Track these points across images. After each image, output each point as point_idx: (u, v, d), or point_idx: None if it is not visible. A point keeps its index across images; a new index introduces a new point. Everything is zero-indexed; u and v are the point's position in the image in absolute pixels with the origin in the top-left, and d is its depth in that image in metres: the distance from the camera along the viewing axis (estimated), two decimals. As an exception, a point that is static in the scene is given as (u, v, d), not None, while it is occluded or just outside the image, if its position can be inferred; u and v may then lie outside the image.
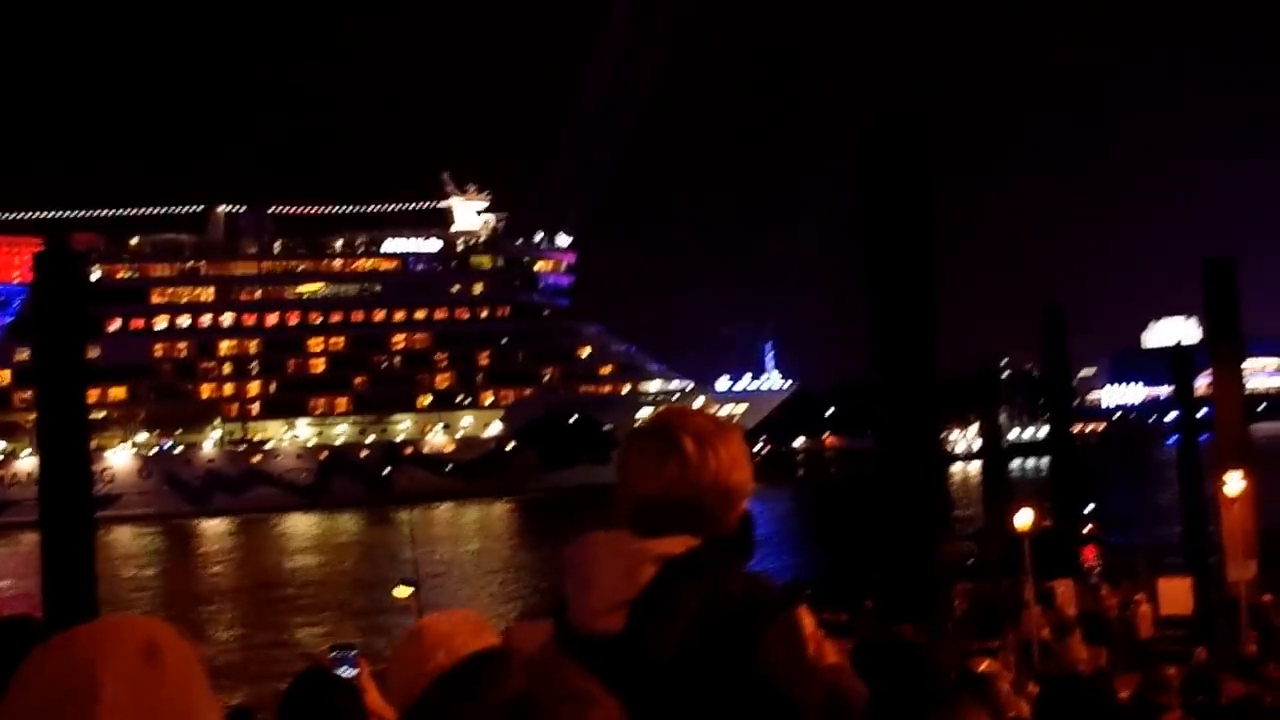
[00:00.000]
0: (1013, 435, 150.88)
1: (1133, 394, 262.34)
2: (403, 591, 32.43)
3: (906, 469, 27.59)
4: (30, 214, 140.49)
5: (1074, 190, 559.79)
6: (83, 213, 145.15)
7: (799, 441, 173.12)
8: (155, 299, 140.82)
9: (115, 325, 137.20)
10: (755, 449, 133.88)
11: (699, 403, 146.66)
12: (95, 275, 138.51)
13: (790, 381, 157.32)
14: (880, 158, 27.65)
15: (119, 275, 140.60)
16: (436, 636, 3.75)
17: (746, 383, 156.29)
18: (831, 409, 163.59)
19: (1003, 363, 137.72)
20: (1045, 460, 76.56)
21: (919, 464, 28.75)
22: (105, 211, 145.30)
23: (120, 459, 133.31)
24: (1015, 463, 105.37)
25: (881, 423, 29.44)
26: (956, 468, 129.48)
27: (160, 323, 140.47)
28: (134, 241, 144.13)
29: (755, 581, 2.92)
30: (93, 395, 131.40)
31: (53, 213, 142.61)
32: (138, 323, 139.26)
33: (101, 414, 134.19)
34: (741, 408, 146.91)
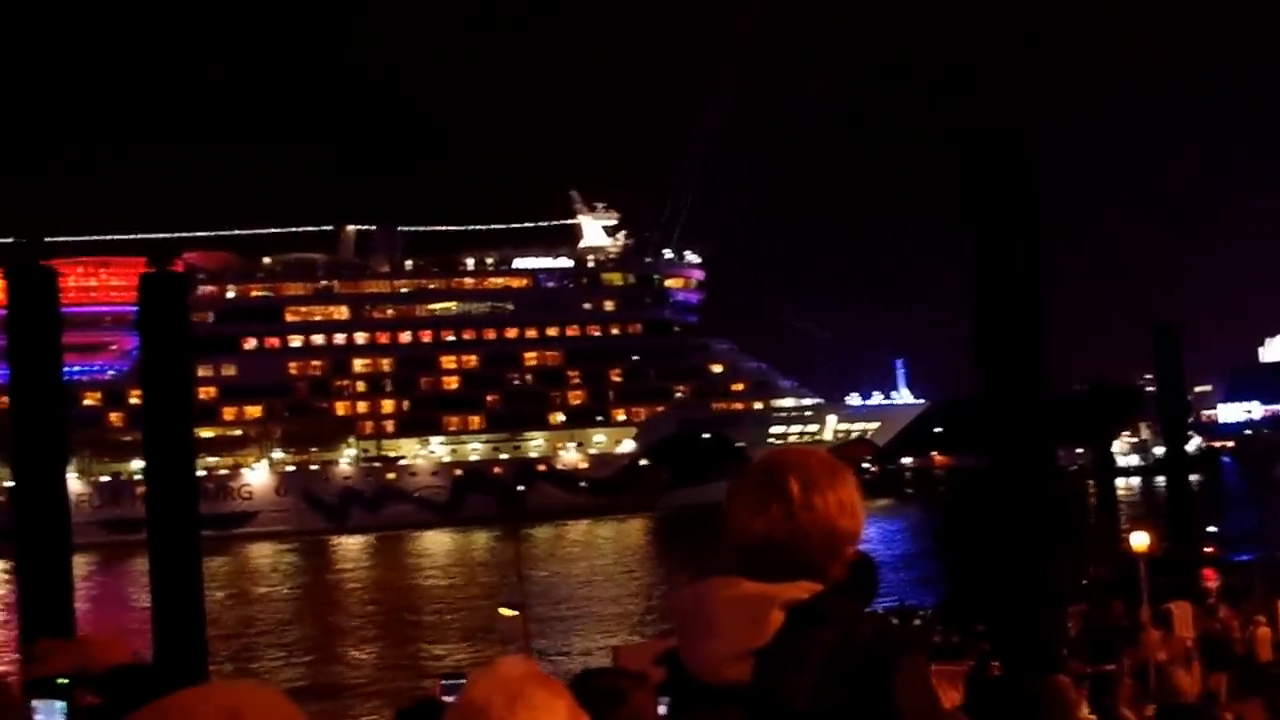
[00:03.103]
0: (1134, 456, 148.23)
1: (1250, 410, 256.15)
2: (509, 613, 32.19)
3: (1018, 488, 26.72)
4: (163, 234, 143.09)
5: (1185, 202, 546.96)
6: (217, 232, 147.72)
7: (907, 460, 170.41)
8: (289, 317, 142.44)
9: (251, 344, 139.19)
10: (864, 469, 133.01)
11: (830, 420, 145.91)
12: (230, 294, 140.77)
13: (922, 399, 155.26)
14: (985, 172, 26.83)
15: (254, 294, 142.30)
16: (488, 687, 3.30)
17: (878, 399, 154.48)
18: (939, 426, 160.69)
19: (1145, 377, 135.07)
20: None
21: (1030, 483, 27.77)
22: (239, 231, 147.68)
23: (257, 476, 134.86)
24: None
25: (992, 441, 28.56)
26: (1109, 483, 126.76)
27: (295, 341, 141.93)
28: (267, 261, 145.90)
29: (883, 625, 2.89)
30: (230, 413, 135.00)
31: (186, 233, 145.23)
32: (273, 341, 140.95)
33: (238, 432, 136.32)
34: (873, 425, 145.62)
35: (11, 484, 34.04)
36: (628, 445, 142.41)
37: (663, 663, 3.01)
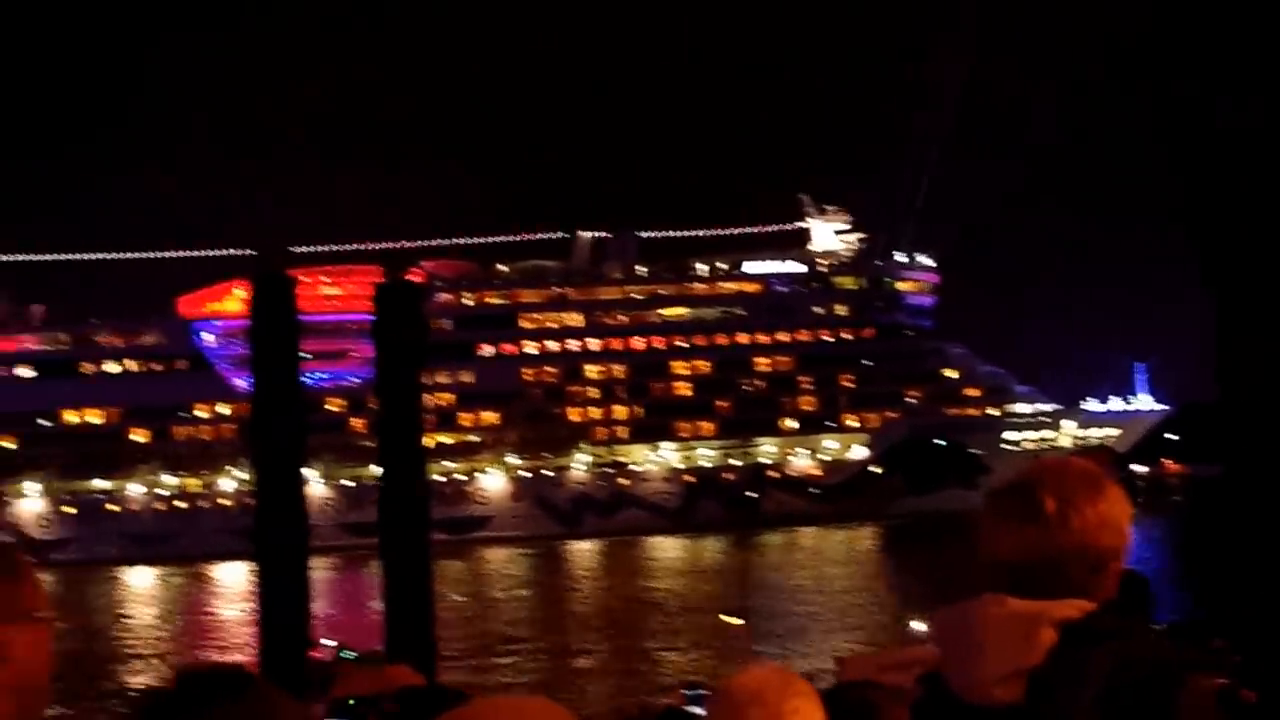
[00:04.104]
0: None
1: None
2: (731, 620, 32.21)
3: (1261, 497, 25.73)
4: (402, 244, 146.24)
5: None
6: (455, 241, 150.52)
7: (1139, 468, 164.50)
8: (524, 324, 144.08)
9: (487, 351, 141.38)
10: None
11: (1067, 425, 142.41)
12: (468, 302, 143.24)
13: (1164, 404, 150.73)
14: (1225, 173, 25.88)
15: (490, 301, 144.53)
16: (746, 695, 3.72)
17: (1117, 405, 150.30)
18: (1174, 433, 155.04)
19: None
20: None
21: (1275, 491, 26.73)
22: (476, 239, 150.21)
23: (493, 482, 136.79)
24: None
25: (1232, 448, 27.51)
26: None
27: (530, 348, 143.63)
28: (504, 268, 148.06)
29: (1162, 645, 2.82)
30: (466, 419, 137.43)
31: (425, 242, 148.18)
32: (508, 348, 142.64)
33: (475, 437, 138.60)
34: (1113, 431, 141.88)
35: (253, 487, 35.23)
36: (859, 451, 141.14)
37: (923, 683, 2.97)
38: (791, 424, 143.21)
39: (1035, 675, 2.73)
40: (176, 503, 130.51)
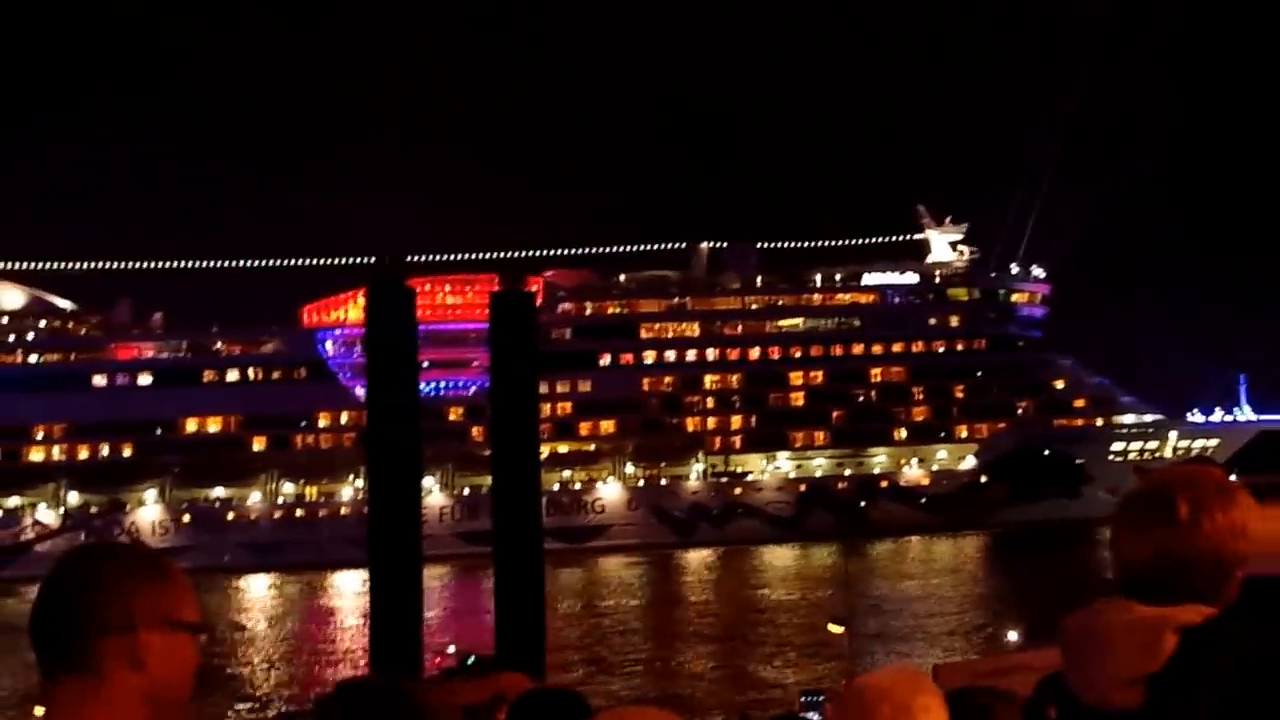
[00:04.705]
0: None
1: None
2: (836, 629, 32.45)
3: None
4: (523, 253, 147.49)
5: None
6: (576, 250, 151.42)
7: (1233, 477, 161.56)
8: (643, 334, 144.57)
9: (606, 360, 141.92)
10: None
11: (1172, 436, 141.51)
12: (588, 311, 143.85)
13: (1266, 415, 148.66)
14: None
15: (609, 311, 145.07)
16: (877, 693, 3.86)
17: (1219, 415, 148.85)
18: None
19: None
20: None
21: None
22: (597, 249, 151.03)
23: (610, 491, 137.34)
24: None
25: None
26: None
27: (648, 357, 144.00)
28: (623, 278, 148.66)
29: None
30: (585, 428, 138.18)
31: (546, 251, 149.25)
32: (627, 358, 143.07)
33: (592, 446, 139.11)
34: (1213, 442, 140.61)
35: (370, 495, 35.67)
36: (969, 462, 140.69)
37: (1049, 687, 3.07)
38: (903, 434, 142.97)
39: (1155, 680, 2.78)
40: (295, 511, 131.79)
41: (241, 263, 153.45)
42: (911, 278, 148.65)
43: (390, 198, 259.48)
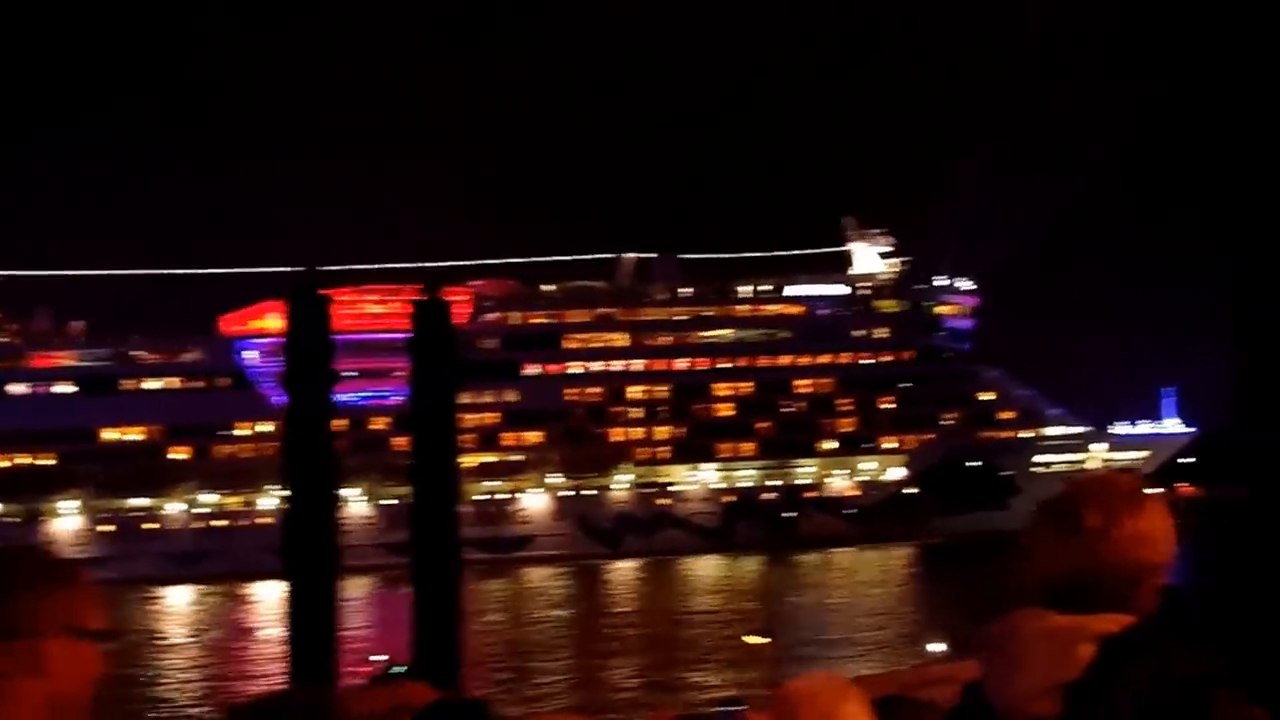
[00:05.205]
0: None
1: None
2: (754, 640, 32.33)
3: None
4: (447, 263, 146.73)
5: None
6: (500, 260, 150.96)
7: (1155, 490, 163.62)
8: (569, 344, 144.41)
9: (532, 370, 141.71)
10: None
11: (1098, 448, 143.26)
12: (514, 321, 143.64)
13: (1192, 428, 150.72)
14: (1252, 206, 25.86)
15: (535, 321, 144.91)
16: (802, 697, 3.88)
17: (1145, 428, 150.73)
18: (1189, 457, 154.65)
19: None
20: None
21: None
22: (521, 259, 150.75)
23: (535, 501, 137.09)
24: None
25: (1252, 472, 27.50)
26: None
27: (574, 368, 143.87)
28: (549, 288, 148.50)
29: (1199, 660, 2.74)
30: (510, 438, 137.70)
31: (470, 261, 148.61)
32: (553, 368, 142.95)
33: (518, 457, 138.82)
34: (1141, 454, 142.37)
35: (286, 505, 35.23)
36: (896, 473, 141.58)
37: (966, 695, 2.98)
38: (830, 445, 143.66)
39: (1073, 689, 2.75)
40: (215, 521, 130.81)
41: (162, 271, 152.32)
42: (839, 289, 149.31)
43: (315, 208, 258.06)
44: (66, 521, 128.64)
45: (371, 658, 47.87)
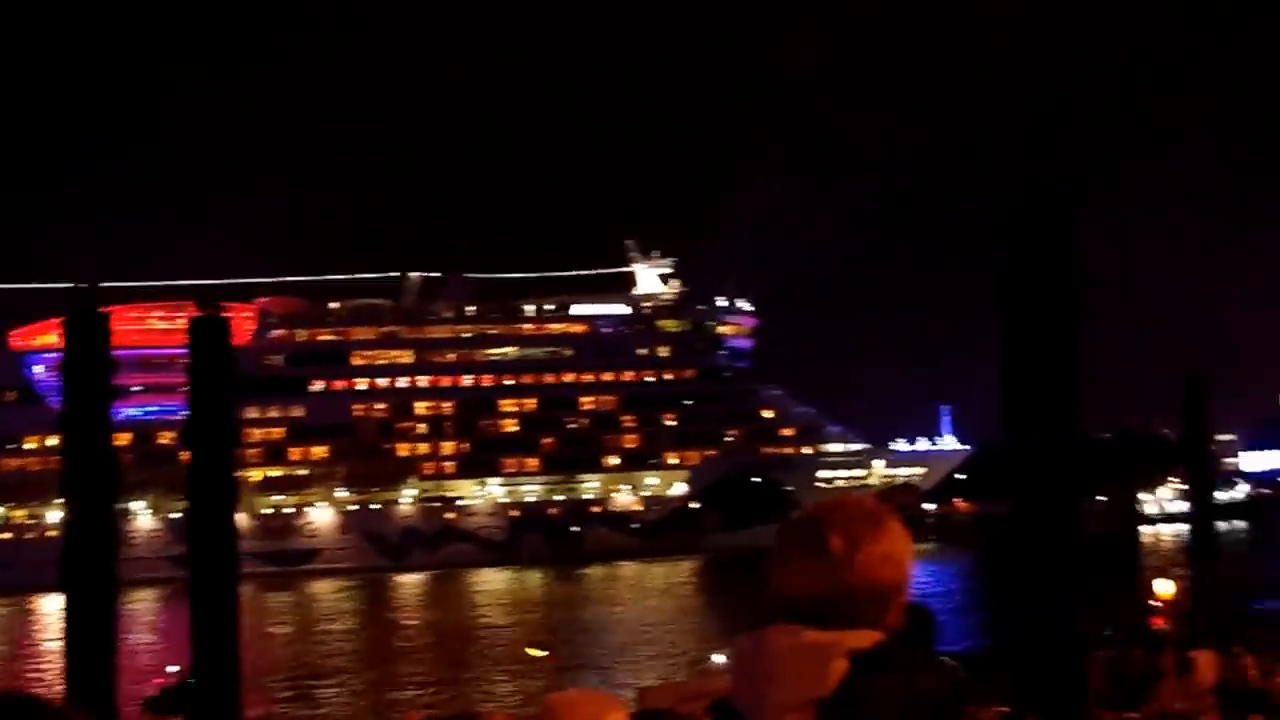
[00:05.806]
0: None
1: (1272, 460, 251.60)
2: (535, 652, 33.32)
3: (1043, 536, 27.30)
4: (236, 280, 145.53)
5: (1212, 250, 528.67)
6: (289, 278, 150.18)
7: (929, 505, 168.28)
8: (356, 361, 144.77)
9: (318, 386, 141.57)
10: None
11: (877, 465, 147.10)
12: (300, 338, 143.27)
13: (967, 445, 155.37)
14: (1022, 222, 27.44)
15: (322, 338, 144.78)
16: (564, 709, 4.04)
17: (923, 445, 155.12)
18: (963, 473, 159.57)
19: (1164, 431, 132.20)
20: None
21: (1056, 531, 28.35)
22: (309, 277, 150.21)
23: (321, 515, 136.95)
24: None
25: (1019, 488, 29.08)
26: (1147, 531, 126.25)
27: (360, 384, 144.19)
28: (336, 306, 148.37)
29: (946, 674, 2.87)
30: (296, 453, 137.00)
31: (254, 279, 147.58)
32: (339, 384, 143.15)
33: (304, 471, 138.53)
34: (919, 470, 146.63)
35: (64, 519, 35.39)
36: (679, 488, 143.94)
37: (715, 711, 2.97)
38: (614, 461, 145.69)
39: (825, 704, 2.75)
40: (3, 534, 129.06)
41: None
42: (622, 309, 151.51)
43: (102, 224, 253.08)
44: None
45: (167, 669, 47.91)
